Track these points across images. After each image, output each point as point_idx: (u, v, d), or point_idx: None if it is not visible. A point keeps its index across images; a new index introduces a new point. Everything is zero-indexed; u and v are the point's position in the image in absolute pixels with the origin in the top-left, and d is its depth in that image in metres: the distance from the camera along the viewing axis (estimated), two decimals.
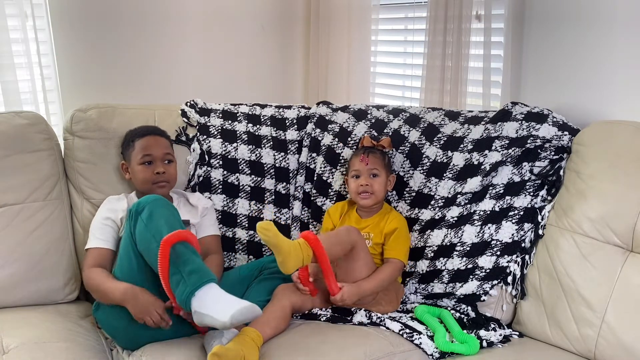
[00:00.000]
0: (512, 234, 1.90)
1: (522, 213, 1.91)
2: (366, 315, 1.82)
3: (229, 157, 2.17)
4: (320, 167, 2.18)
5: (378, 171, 1.98)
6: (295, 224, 2.18)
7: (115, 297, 1.70)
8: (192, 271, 1.60)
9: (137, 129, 2.04)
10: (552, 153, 1.92)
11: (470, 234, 1.93)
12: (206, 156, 2.16)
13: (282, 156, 2.21)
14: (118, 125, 2.09)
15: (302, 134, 2.25)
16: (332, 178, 2.16)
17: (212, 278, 1.62)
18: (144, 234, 1.68)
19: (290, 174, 2.22)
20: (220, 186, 2.15)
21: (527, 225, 1.90)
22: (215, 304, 1.56)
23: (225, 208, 2.14)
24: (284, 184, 2.21)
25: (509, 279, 1.89)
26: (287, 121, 2.27)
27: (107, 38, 2.59)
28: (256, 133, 2.22)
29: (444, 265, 1.95)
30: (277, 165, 2.20)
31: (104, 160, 2.07)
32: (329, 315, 1.83)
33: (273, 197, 2.18)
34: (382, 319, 1.81)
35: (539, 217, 1.89)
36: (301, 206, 2.19)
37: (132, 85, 2.67)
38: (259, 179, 2.18)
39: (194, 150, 2.16)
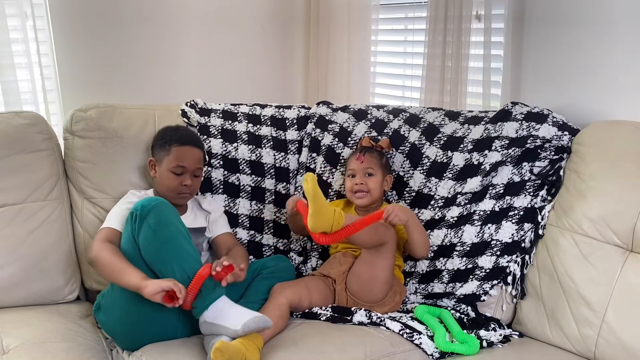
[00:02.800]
0: (512, 234, 1.90)
1: (522, 213, 1.91)
2: (366, 315, 1.82)
3: (230, 157, 2.17)
4: (320, 167, 2.18)
5: (373, 170, 1.99)
6: None
7: (131, 279, 1.66)
8: (206, 288, 1.66)
9: (177, 131, 2.00)
10: (552, 153, 1.92)
11: (470, 234, 1.93)
12: (206, 156, 2.16)
13: (282, 156, 2.21)
14: (118, 125, 2.09)
15: (302, 134, 2.25)
16: (332, 178, 2.15)
17: (223, 291, 1.68)
18: (152, 242, 1.69)
19: (290, 174, 2.22)
20: (222, 186, 2.15)
21: (527, 225, 1.90)
22: (227, 314, 1.63)
23: (227, 208, 2.14)
24: (284, 184, 2.21)
25: (509, 279, 1.89)
26: (287, 121, 2.26)
27: (107, 38, 2.59)
28: (256, 133, 2.22)
29: (444, 265, 1.95)
30: (277, 165, 2.20)
31: (104, 160, 2.06)
32: (329, 315, 1.83)
33: (273, 197, 2.18)
34: (382, 319, 1.80)
35: (539, 217, 1.89)
36: None
37: (132, 85, 2.67)
38: (260, 179, 2.18)
39: None
